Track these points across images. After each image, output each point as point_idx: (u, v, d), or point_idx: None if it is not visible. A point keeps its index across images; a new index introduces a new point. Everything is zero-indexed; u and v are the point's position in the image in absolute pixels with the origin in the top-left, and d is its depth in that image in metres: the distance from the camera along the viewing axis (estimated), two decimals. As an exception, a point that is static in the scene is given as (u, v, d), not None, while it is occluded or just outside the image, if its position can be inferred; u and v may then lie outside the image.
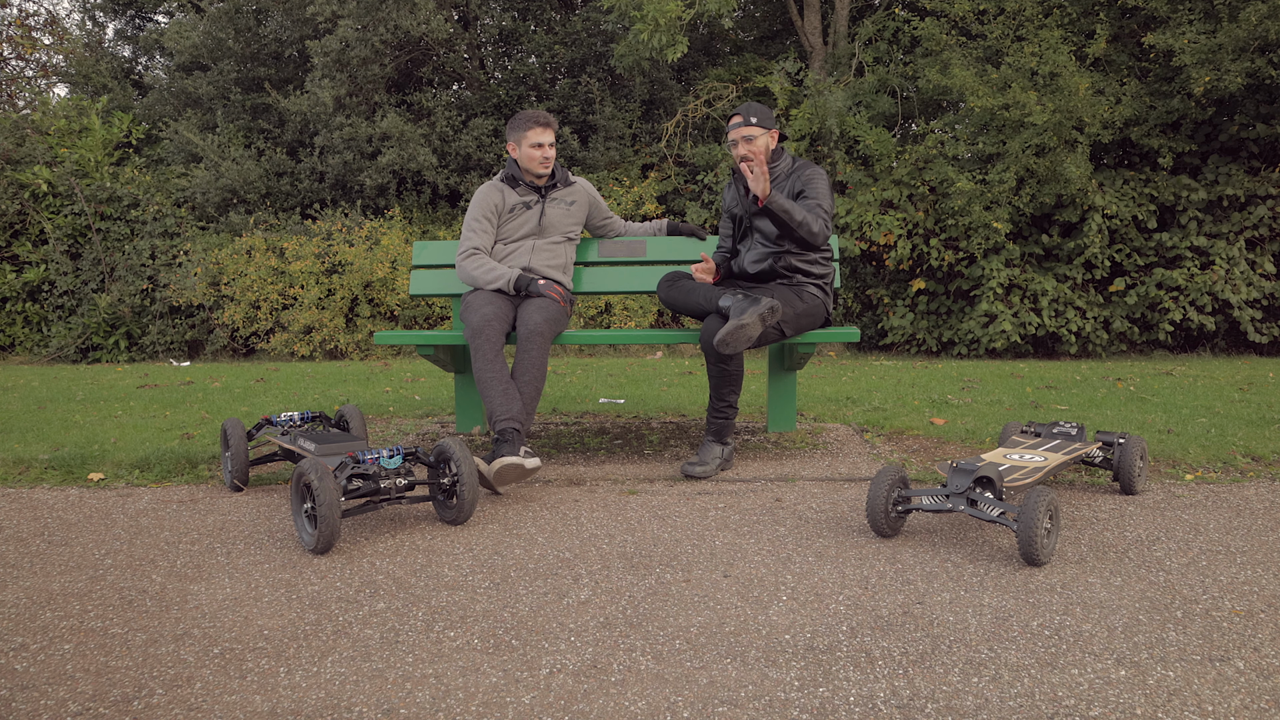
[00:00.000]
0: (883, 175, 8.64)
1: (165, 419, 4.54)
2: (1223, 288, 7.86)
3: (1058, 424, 3.01)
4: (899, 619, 1.94)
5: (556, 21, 11.38)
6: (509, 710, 1.58)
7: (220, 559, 2.40)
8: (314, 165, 9.96)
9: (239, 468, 3.11)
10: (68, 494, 3.15)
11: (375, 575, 2.25)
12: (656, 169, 10.27)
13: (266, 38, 10.67)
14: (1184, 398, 4.97)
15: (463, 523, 2.68)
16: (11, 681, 1.70)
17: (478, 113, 10.40)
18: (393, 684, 1.68)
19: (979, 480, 2.43)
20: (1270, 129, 7.84)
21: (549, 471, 3.36)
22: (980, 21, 8.63)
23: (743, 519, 2.71)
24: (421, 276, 3.98)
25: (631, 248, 3.93)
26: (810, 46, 10.20)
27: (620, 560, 2.34)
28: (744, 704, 1.59)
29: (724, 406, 3.31)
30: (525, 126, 3.50)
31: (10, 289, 9.85)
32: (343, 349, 8.87)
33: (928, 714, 1.55)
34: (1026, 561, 2.25)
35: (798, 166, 3.38)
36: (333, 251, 9.06)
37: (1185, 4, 7.84)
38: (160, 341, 9.53)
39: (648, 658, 1.77)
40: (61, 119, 10.57)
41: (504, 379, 3.07)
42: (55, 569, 2.34)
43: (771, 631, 1.89)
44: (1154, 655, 1.76)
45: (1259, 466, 3.31)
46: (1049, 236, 8.29)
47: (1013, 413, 4.43)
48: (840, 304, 8.98)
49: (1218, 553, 2.37)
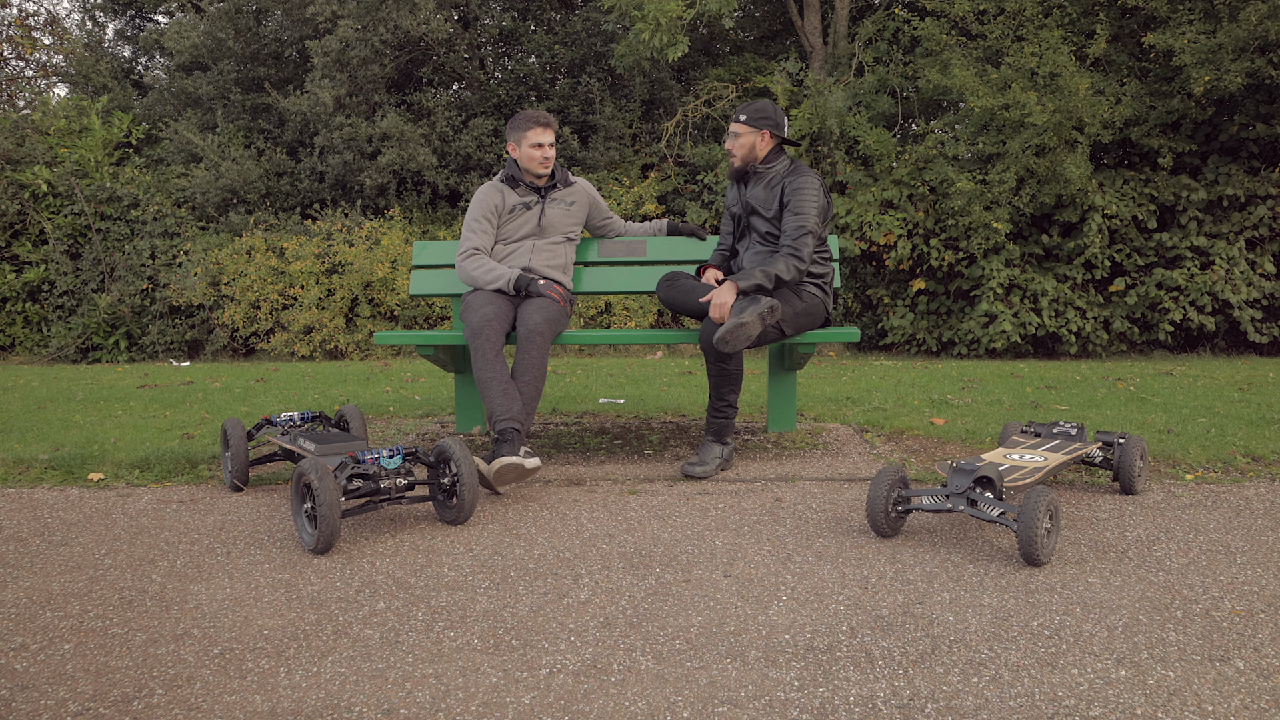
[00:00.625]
0: (883, 175, 8.64)
1: (165, 419, 4.54)
2: (1223, 288, 7.86)
3: (1058, 424, 3.01)
4: (899, 619, 1.94)
5: (556, 21, 11.38)
6: (509, 710, 1.58)
7: (220, 559, 2.40)
8: (314, 165, 9.96)
9: (239, 468, 3.11)
10: (68, 494, 3.15)
11: (375, 575, 2.25)
12: (656, 169, 10.27)
13: (266, 38, 10.67)
14: (1184, 398, 4.97)
15: (463, 523, 2.68)
16: (11, 681, 1.70)
17: (478, 113, 10.40)
18: (393, 684, 1.68)
19: (979, 480, 2.43)
20: (1270, 129, 7.84)
21: (549, 471, 3.36)
22: (980, 21, 8.63)
23: (743, 519, 2.71)
24: (421, 276, 3.98)
25: (631, 248, 3.93)
26: (810, 46, 10.20)
27: (620, 560, 2.34)
28: (744, 704, 1.59)
29: (724, 406, 3.31)
30: (525, 126, 3.50)
31: (10, 289, 9.85)
32: (343, 349, 8.87)
33: (928, 714, 1.55)
34: (1026, 561, 2.25)
35: (792, 169, 3.37)
36: (333, 251, 9.06)
37: (1185, 4, 7.84)
38: (160, 341, 9.53)
39: (648, 658, 1.77)
40: (61, 119, 10.57)
41: (504, 379, 3.07)
42: (55, 569, 2.34)
43: (771, 631, 1.89)
44: (1154, 655, 1.76)
45: (1259, 466, 3.31)
46: (1049, 236, 8.29)
47: (1013, 413, 4.43)
48: (840, 304, 8.98)
49: (1218, 553, 2.37)
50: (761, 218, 3.39)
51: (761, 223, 3.40)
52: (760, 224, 3.41)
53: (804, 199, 3.27)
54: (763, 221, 3.39)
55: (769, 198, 3.35)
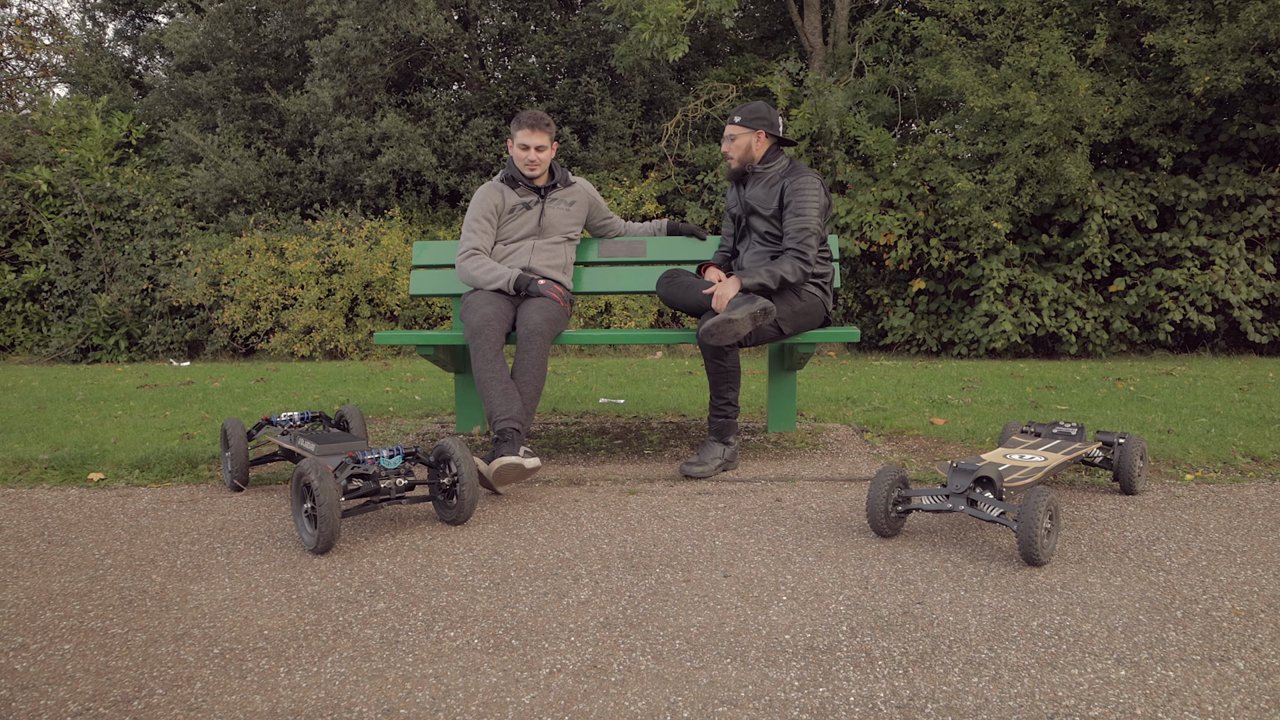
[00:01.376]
0: (883, 175, 8.64)
1: (165, 419, 4.54)
2: (1223, 288, 7.86)
3: (1058, 424, 3.01)
4: (899, 619, 1.94)
5: (556, 21, 11.38)
6: (509, 710, 1.58)
7: (220, 559, 2.40)
8: (314, 165, 9.96)
9: (239, 468, 3.11)
10: (68, 494, 3.15)
11: (375, 575, 2.25)
12: (656, 169, 10.27)
13: (266, 38, 10.67)
14: (1184, 398, 4.97)
15: (463, 523, 2.68)
16: (11, 681, 1.70)
17: (477, 113, 10.40)
18: (393, 684, 1.68)
19: (979, 480, 2.43)
20: (1270, 129, 7.84)
21: (549, 471, 3.36)
22: (980, 21, 8.63)
23: (743, 519, 2.71)
24: (421, 276, 3.98)
25: (631, 248, 3.93)
26: (810, 46, 10.20)
27: (620, 560, 2.34)
28: (744, 704, 1.59)
29: (724, 405, 3.31)
30: (517, 126, 3.53)
31: (10, 289, 9.85)
32: (343, 349, 8.87)
33: (928, 714, 1.55)
34: (1026, 561, 2.25)
35: (791, 169, 3.38)
36: (333, 251, 9.06)
37: (1185, 4, 7.84)
38: (160, 341, 9.53)
39: (648, 658, 1.77)
40: (61, 119, 10.57)
41: (504, 379, 3.07)
42: (55, 569, 2.34)
43: (771, 631, 1.89)
44: (1154, 655, 1.76)
45: (1259, 466, 3.31)
46: (1049, 236, 8.29)
47: (1013, 413, 4.43)
48: (840, 304, 8.98)
49: (1218, 553, 2.37)
50: (761, 218, 3.40)
51: (761, 223, 3.41)
52: (760, 224, 3.42)
53: (805, 199, 3.27)
54: (762, 221, 3.40)
55: (768, 197, 3.36)
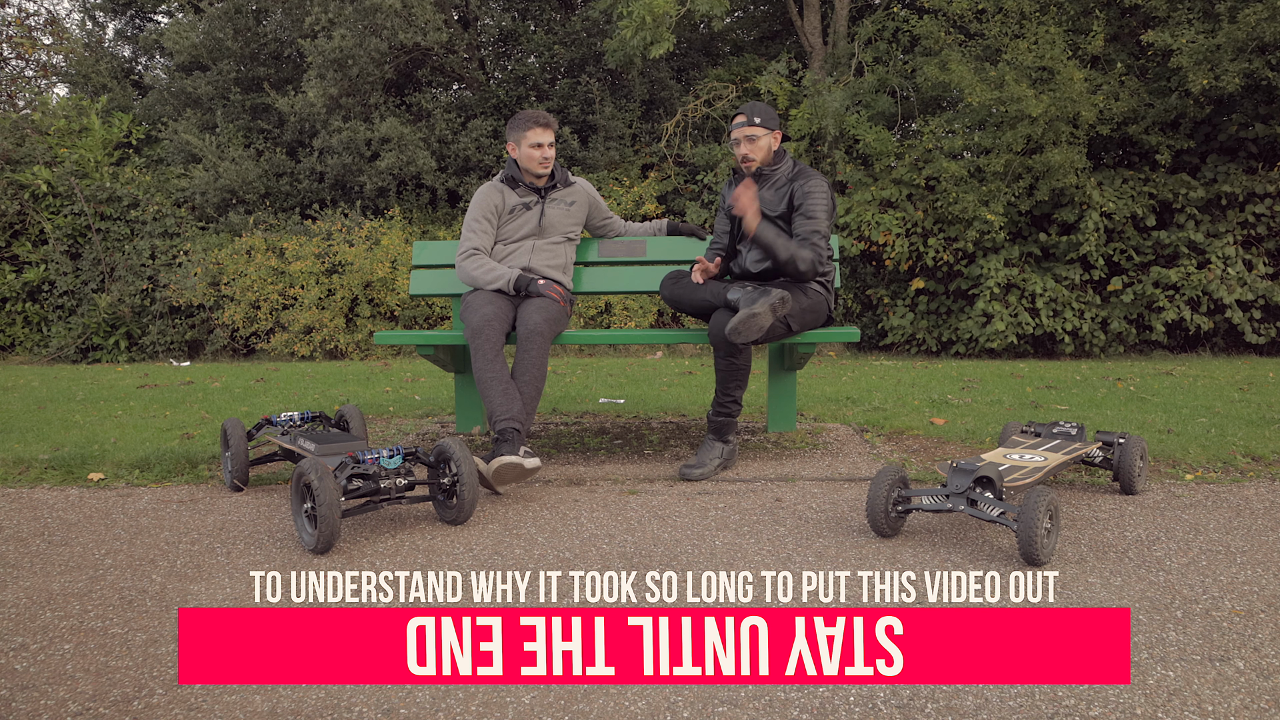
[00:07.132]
0: (882, 175, 8.64)
1: (165, 419, 4.54)
2: (1218, 287, 7.86)
3: (1058, 424, 3.01)
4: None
5: (556, 21, 11.38)
6: (509, 710, 1.58)
7: (220, 559, 2.40)
8: (313, 165, 9.96)
9: (239, 468, 3.11)
10: (68, 494, 3.15)
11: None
12: (656, 169, 10.27)
13: (266, 38, 10.67)
14: (1184, 398, 4.97)
15: (463, 523, 2.68)
16: (11, 681, 1.70)
17: (477, 114, 10.40)
18: (393, 684, 1.68)
19: (979, 480, 2.43)
20: (1269, 129, 7.84)
21: (549, 471, 3.36)
22: (979, 20, 8.64)
23: (743, 519, 2.71)
24: (421, 276, 3.98)
25: (631, 248, 3.93)
26: (810, 46, 10.20)
27: (620, 560, 2.34)
28: (744, 704, 1.59)
29: (729, 403, 3.30)
30: (525, 126, 3.50)
31: (10, 289, 9.85)
32: (343, 349, 8.87)
33: (928, 714, 1.55)
34: (1026, 561, 2.25)
35: (799, 172, 3.37)
36: (333, 251, 9.06)
37: (1184, 3, 7.84)
38: (160, 341, 9.53)
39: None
40: (61, 119, 10.57)
41: (504, 379, 3.07)
42: (55, 569, 2.34)
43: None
44: (1154, 655, 1.76)
45: (1259, 466, 3.31)
46: (1047, 235, 8.29)
47: (1013, 413, 4.43)
48: (840, 304, 8.98)
49: (1218, 553, 2.37)
50: (767, 219, 3.39)
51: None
52: None
53: (815, 203, 3.30)
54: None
55: (776, 200, 3.35)
